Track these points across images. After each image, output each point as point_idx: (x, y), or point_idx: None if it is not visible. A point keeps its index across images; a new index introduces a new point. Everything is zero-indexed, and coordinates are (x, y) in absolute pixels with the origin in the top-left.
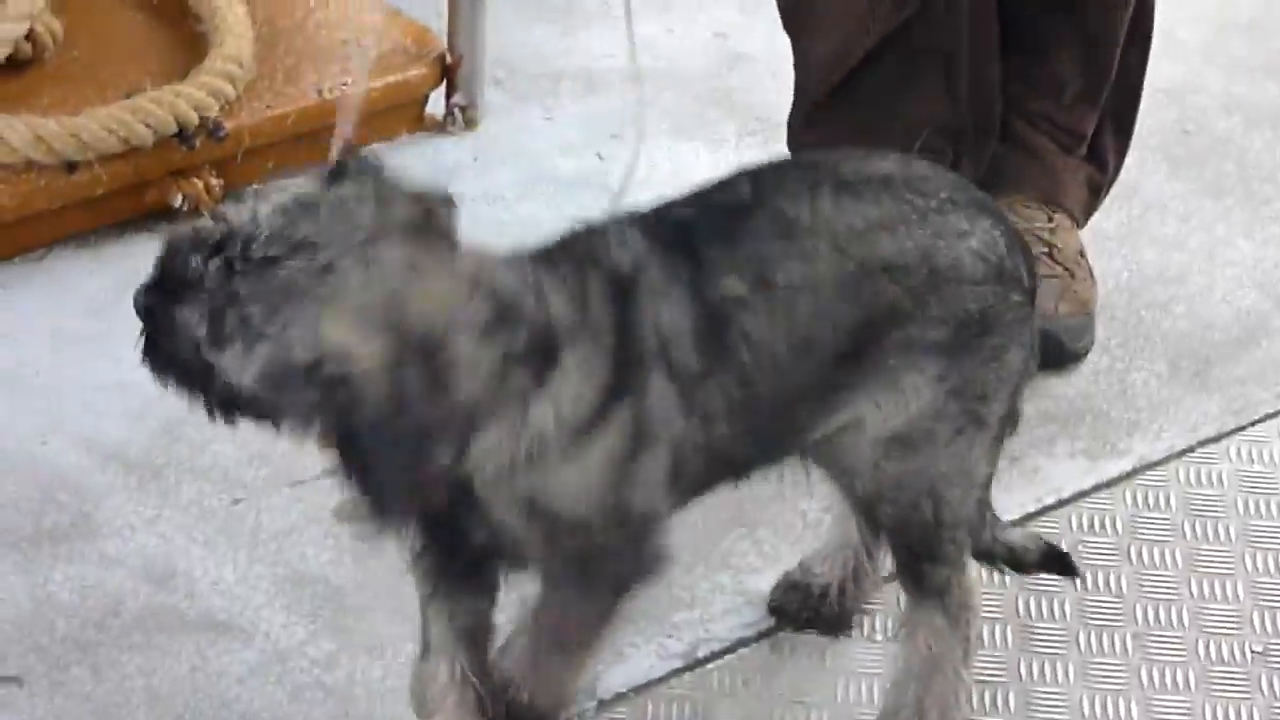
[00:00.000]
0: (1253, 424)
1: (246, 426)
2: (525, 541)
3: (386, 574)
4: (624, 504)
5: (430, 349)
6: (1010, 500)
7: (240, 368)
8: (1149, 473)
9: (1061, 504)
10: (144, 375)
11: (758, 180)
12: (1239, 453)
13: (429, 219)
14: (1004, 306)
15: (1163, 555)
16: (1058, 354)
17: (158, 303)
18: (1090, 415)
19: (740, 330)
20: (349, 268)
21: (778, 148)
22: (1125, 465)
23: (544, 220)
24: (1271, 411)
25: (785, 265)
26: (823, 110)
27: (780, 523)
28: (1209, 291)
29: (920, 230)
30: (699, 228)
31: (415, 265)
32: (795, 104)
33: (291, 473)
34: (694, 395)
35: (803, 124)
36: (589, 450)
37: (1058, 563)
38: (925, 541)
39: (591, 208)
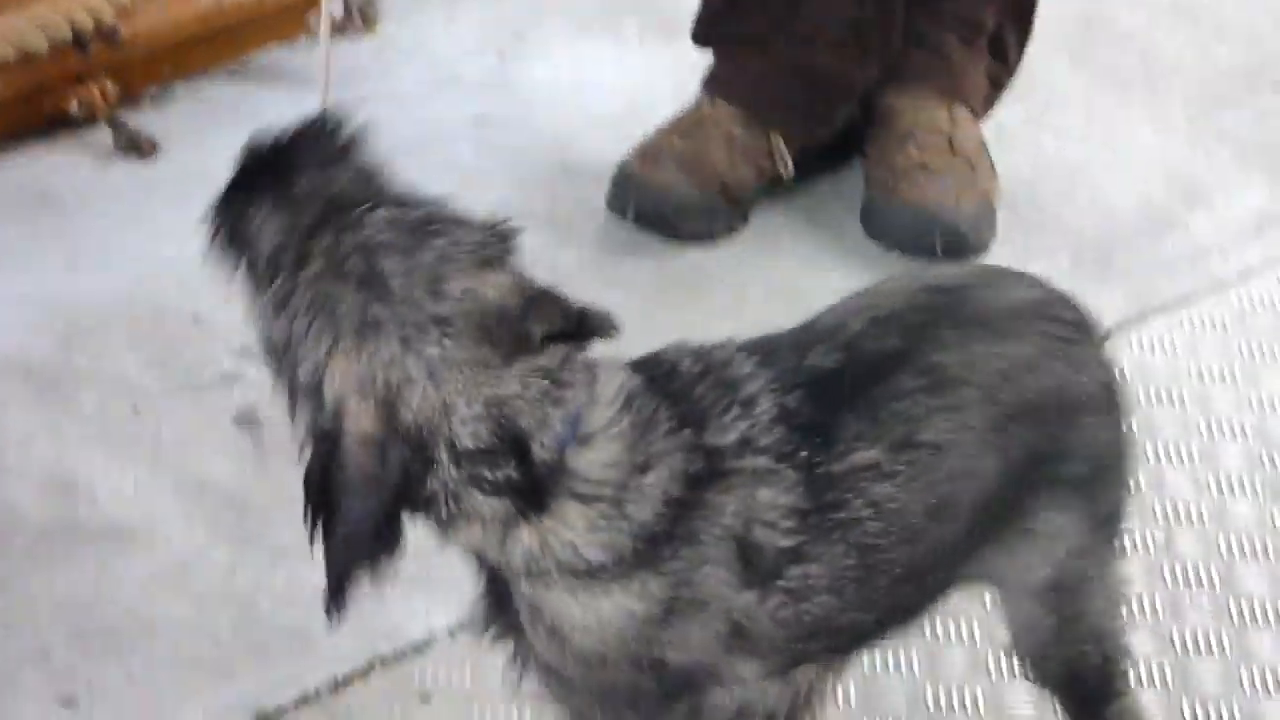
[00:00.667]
0: (1155, 315)
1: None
2: (545, 654)
3: (290, 480)
4: (656, 657)
5: (416, 445)
6: None
7: (259, 317)
8: None
9: None
10: (44, 285)
11: (906, 326)
12: (1140, 343)
13: (507, 318)
14: (1123, 432)
15: None
16: (959, 246)
17: (248, 182)
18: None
19: (868, 500)
20: (391, 341)
21: (682, 46)
22: None
23: (447, 121)
24: (1173, 302)
25: (932, 422)
26: (729, 8)
27: None
28: (1111, 183)
29: (1059, 364)
30: (842, 388)
31: (448, 366)
32: (703, 2)
33: (191, 379)
34: (776, 571)
35: (709, 22)
36: (601, 597)
37: None
38: (1098, 684)
39: (494, 110)
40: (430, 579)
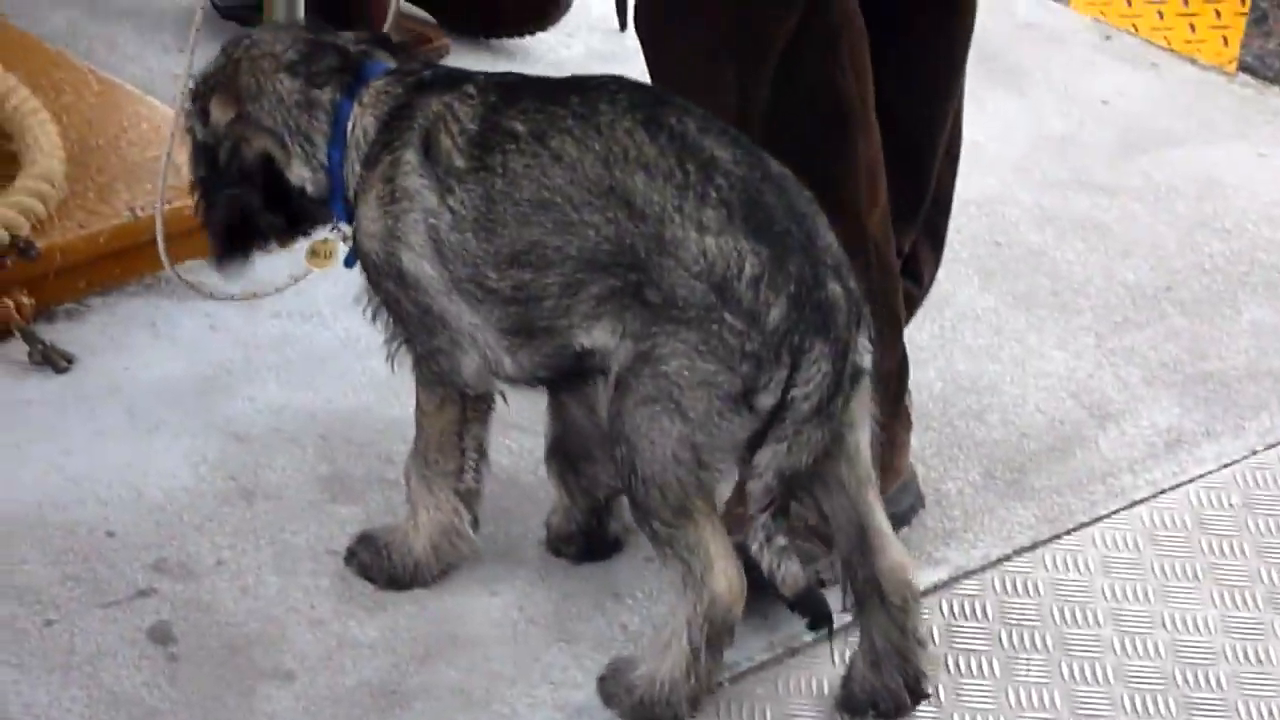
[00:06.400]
0: (1067, 533)
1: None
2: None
3: (201, 696)
4: (393, 254)
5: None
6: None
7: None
8: (965, 582)
9: None
10: None
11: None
12: (1054, 561)
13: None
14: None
15: (979, 664)
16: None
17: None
18: (905, 525)
19: (503, 158)
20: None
21: None
22: (941, 575)
23: (363, 336)
24: (1086, 521)
25: (560, 137)
26: None
27: (601, 636)
28: (1022, 401)
29: (678, 200)
30: (530, 83)
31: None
32: None
33: (104, 593)
34: (449, 185)
35: None
36: (370, 187)
37: (810, 608)
38: None
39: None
40: None
